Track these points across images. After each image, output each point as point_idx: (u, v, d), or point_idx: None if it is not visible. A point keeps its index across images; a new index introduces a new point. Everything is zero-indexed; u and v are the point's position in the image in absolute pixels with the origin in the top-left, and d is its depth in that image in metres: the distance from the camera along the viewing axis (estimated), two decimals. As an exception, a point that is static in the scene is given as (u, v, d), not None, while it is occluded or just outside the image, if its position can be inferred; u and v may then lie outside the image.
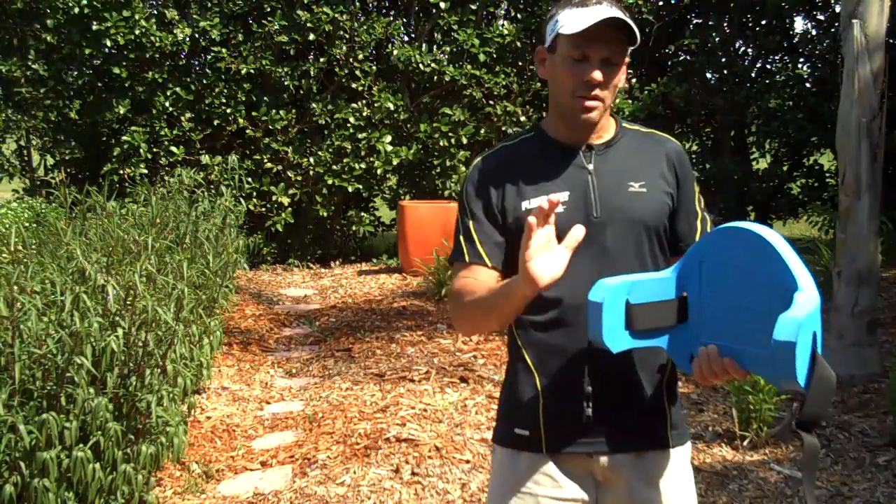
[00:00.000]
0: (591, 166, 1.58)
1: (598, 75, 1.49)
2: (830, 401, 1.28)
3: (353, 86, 8.57)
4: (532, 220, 1.33)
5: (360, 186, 8.55)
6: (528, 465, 1.59)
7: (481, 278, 1.57)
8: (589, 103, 1.52)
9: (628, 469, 1.57)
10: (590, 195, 1.56)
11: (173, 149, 8.25)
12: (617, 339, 1.41)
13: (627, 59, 1.57)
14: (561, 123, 1.60)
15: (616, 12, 1.46)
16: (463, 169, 8.61)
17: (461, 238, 1.62)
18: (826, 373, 1.25)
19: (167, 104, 8.26)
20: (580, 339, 1.52)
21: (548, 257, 1.35)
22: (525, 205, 1.57)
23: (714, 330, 1.41)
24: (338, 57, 8.43)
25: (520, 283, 1.37)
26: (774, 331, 1.24)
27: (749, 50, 10.10)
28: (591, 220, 1.54)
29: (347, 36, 8.44)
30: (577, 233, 1.37)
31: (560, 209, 1.54)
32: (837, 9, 8.87)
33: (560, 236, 1.38)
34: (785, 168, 9.68)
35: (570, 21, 1.48)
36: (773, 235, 1.35)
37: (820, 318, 1.27)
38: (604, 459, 1.57)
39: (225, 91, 8.32)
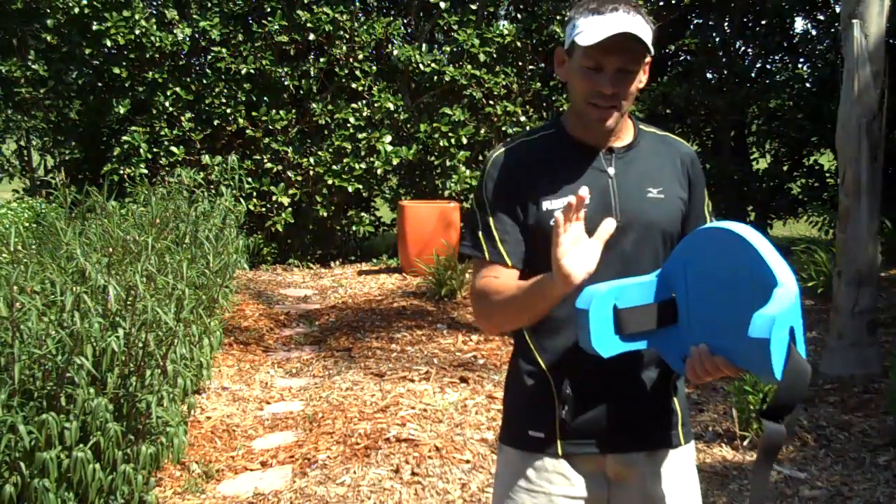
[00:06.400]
0: (611, 170, 1.57)
1: (609, 89, 1.49)
2: (802, 393, 1.30)
3: (353, 86, 8.57)
4: (559, 215, 1.33)
5: (360, 186, 8.54)
6: (542, 465, 1.59)
7: (502, 278, 1.56)
8: (602, 113, 1.52)
9: (640, 467, 1.59)
10: (610, 199, 1.55)
11: (173, 149, 8.25)
12: (607, 344, 1.42)
13: (649, 59, 1.54)
14: (580, 124, 1.60)
15: (631, 24, 1.45)
16: (463, 169, 8.61)
17: (480, 235, 1.60)
18: (799, 366, 1.27)
19: (167, 104, 8.26)
20: None
21: (580, 253, 1.35)
22: (546, 205, 1.55)
23: (703, 329, 1.42)
24: (338, 57, 8.43)
25: (554, 281, 1.36)
26: (749, 328, 1.27)
27: (749, 50, 10.10)
28: None
29: (347, 36, 8.44)
30: (609, 225, 1.38)
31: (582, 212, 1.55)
32: (837, 9, 8.86)
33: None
34: (785, 168, 9.67)
35: (586, 30, 1.47)
36: (749, 233, 1.37)
37: (799, 311, 1.29)
38: (617, 458, 1.59)
39: (225, 91, 8.32)
